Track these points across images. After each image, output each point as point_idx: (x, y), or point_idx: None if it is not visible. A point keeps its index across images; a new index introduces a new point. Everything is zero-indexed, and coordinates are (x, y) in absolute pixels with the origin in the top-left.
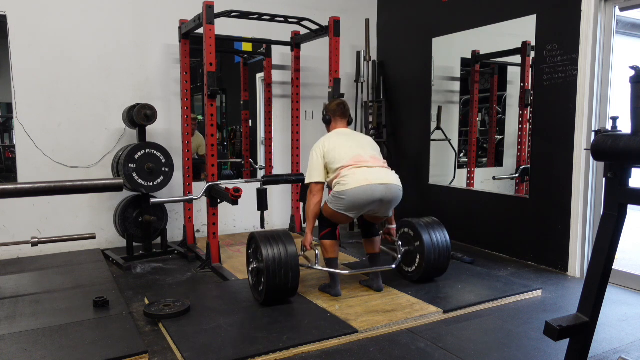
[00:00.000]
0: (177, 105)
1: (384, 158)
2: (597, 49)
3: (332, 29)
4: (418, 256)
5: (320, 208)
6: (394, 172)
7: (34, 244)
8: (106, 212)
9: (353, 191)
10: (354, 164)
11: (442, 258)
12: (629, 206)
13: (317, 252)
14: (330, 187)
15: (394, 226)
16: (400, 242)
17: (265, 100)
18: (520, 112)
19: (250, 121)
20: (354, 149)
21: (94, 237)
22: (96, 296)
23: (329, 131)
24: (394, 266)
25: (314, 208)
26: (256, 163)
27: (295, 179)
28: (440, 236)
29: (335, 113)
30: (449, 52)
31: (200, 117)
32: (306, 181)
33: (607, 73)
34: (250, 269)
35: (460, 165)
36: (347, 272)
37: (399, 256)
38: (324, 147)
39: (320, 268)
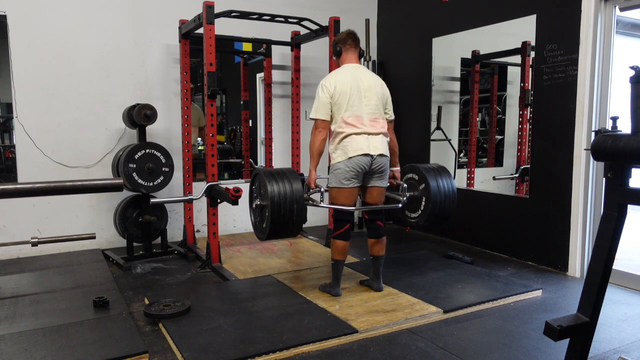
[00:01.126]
0: (177, 105)
1: None
2: (597, 49)
3: (332, 29)
4: (423, 200)
5: (324, 145)
6: (384, 137)
7: (34, 244)
8: (106, 212)
9: (350, 161)
10: (353, 125)
11: (447, 202)
12: (629, 206)
13: (322, 189)
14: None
15: (398, 168)
16: (405, 185)
17: (265, 100)
18: (520, 112)
19: (250, 121)
20: (358, 104)
21: (94, 237)
22: (96, 296)
23: (339, 65)
24: (400, 205)
25: (319, 145)
26: (256, 163)
27: None
28: (446, 180)
29: (345, 42)
30: (449, 52)
31: (192, 85)
32: (311, 116)
33: (607, 73)
34: (254, 206)
35: (460, 165)
36: (354, 208)
37: (404, 199)
38: (334, 87)
39: (326, 205)
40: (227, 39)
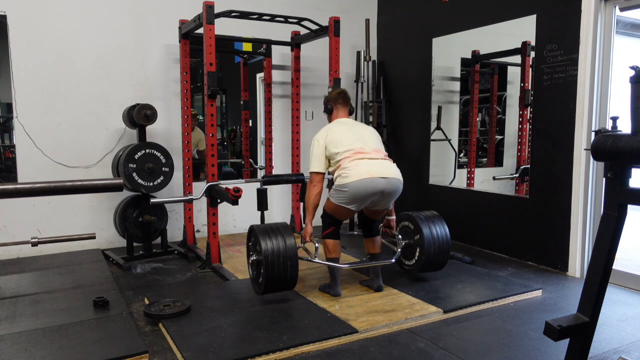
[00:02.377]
0: (177, 105)
1: None
2: (597, 49)
3: (332, 29)
4: (418, 249)
5: (319, 199)
6: (395, 164)
7: (34, 244)
8: (106, 212)
9: (355, 184)
10: (355, 155)
11: (441, 252)
12: (629, 206)
13: (316, 244)
14: (331, 184)
15: (393, 217)
16: (400, 236)
17: (265, 100)
18: (520, 112)
19: (250, 121)
20: (357, 140)
21: (94, 237)
22: (96, 296)
23: (330, 121)
24: (393, 260)
25: (314, 199)
26: (256, 163)
27: (295, 179)
28: (440, 230)
29: (336, 102)
30: (449, 52)
31: (200, 118)
32: (310, 170)
33: (607, 73)
34: (250, 261)
35: (460, 165)
36: (347, 265)
37: (399, 250)
38: (326, 137)
39: (320, 261)
40: (227, 39)
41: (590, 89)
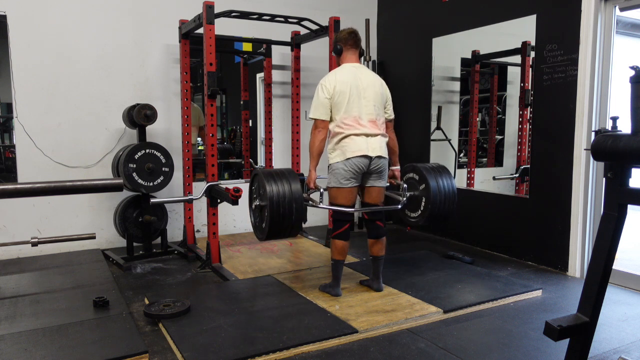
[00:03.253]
0: (177, 105)
1: None
2: (597, 49)
3: (332, 29)
4: (423, 200)
5: (324, 145)
6: (382, 139)
7: (34, 244)
8: (106, 212)
9: (348, 162)
10: (352, 126)
11: (447, 202)
12: (629, 206)
13: (321, 189)
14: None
15: (398, 167)
16: (405, 185)
17: (265, 100)
18: (520, 112)
19: (250, 121)
20: (357, 104)
21: (94, 237)
22: (96, 296)
23: (339, 63)
24: (399, 206)
25: (318, 145)
26: (256, 163)
27: None
28: (447, 180)
29: (347, 42)
30: (449, 52)
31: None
32: (311, 115)
33: (607, 73)
34: (253, 207)
35: (460, 165)
36: (353, 209)
37: (404, 199)
38: (334, 87)
39: (326, 207)
40: (227, 39)
41: (590, 89)
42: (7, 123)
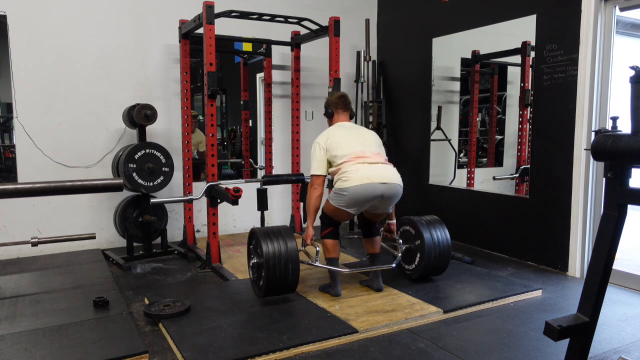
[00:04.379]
0: (177, 105)
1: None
2: (597, 49)
3: (332, 29)
4: (418, 254)
5: (320, 202)
6: (395, 169)
7: (34, 244)
8: (106, 212)
9: (355, 188)
10: (356, 159)
11: (442, 257)
12: (629, 206)
13: (317, 248)
14: (331, 185)
15: (393, 221)
16: (401, 240)
17: (265, 100)
18: (520, 112)
19: (250, 121)
20: (358, 144)
21: (94, 237)
22: (96, 296)
23: (330, 125)
24: (394, 265)
25: (314, 202)
26: (256, 163)
27: (295, 179)
28: (441, 235)
29: (337, 106)
30: (449, 52)
31: (201, 119)
32: (311, 173)
33: (607, 73)
34: (251, 264)
35: (460, 165)
36: (347, 270)
37: (399, 255)
38: (327, 140)
39: (321, 265)
40: (227, 39)
41: (590, 89)
42: (7, 123)
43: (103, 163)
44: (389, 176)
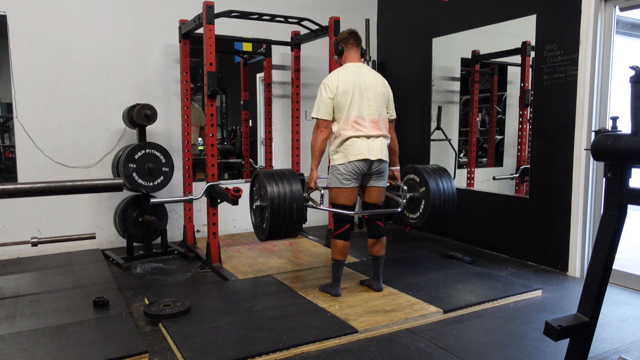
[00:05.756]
0: (177, 105)
1: None
2: (597, 49)
3: (332, 29)
4: (423, 202)
5: (325, 145)
6: (384, 141)
7: (34, 244)
8: (106, 212)
9: (350, 164)
10: (354, 126)
11: (447, 205)
12: (629, 206)
13: (322, 191)
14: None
15: (397, 168)
16: (405, 187)
17: (265, 100)
18: (520, 112)
19: (250, 121)
20: (359, 104)
21: (94, 237)
22: (96, 296)
23: (340, 64)
24: (399, 209)
25: (320, 144)
26: (256, 163)
27: None
28: (446, 182)
29: (347, 41)
30: (449, 52)
31: (192, 85)
32: (313, 115)
33: (607, 73)
34: (254, 207)
35: (460, 165)
36: (352, 212)
37: (404, 201)
38: (336, 87)
39: (325, 208)
40: (227, 39)
41: (590, 89)
42: (7, 123)
43: (103, 163)
44: (377, 151)
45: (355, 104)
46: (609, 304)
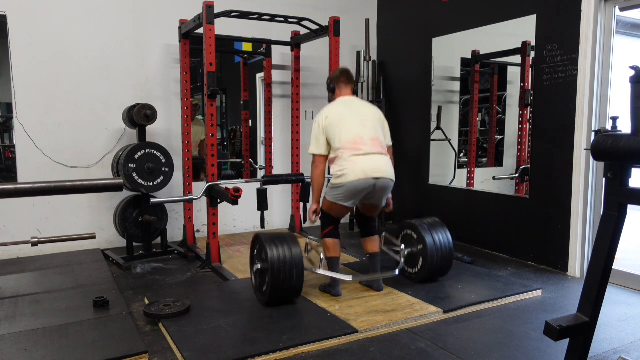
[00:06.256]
0: (177, 105)
1: None
2: (597, 49)
3: (332, 29)
4: (421, 258)
5: (324, 179)
6: (388, 159)
7: (34, 244)
8: (106, 212)
9: (351, 184)
10: (353, 147)
11: (445, 260)
12: (629, 206)
13: (321, 256)
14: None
15: (389, 196)
16: (402, 245)
17: (265, 100)
18: (520, 112)
19: (250, 121)
20: (355, 125)
21: (94, 237)
22: (96, 296)
23: (332, 100)
24: (397, 272)
25: (318, 179)
26: (256, 163)
27: (295, 179)
28: (443, 237)
29: (339, 80)
30: (449, 52)
31: (200, 118)
32: (309, 151)
33: (607, 73)
34: (255, 269)
35: (460, 165)
36: (350, 278)
37: (402, 260)
38: (325, 120)
39: (324, 272)
40: (227, 39)
41: (590, 89)
42: (7, 123)
43: (103, 163)
44: (383, 170)
45: (352, 125)
46: (609, 304)
